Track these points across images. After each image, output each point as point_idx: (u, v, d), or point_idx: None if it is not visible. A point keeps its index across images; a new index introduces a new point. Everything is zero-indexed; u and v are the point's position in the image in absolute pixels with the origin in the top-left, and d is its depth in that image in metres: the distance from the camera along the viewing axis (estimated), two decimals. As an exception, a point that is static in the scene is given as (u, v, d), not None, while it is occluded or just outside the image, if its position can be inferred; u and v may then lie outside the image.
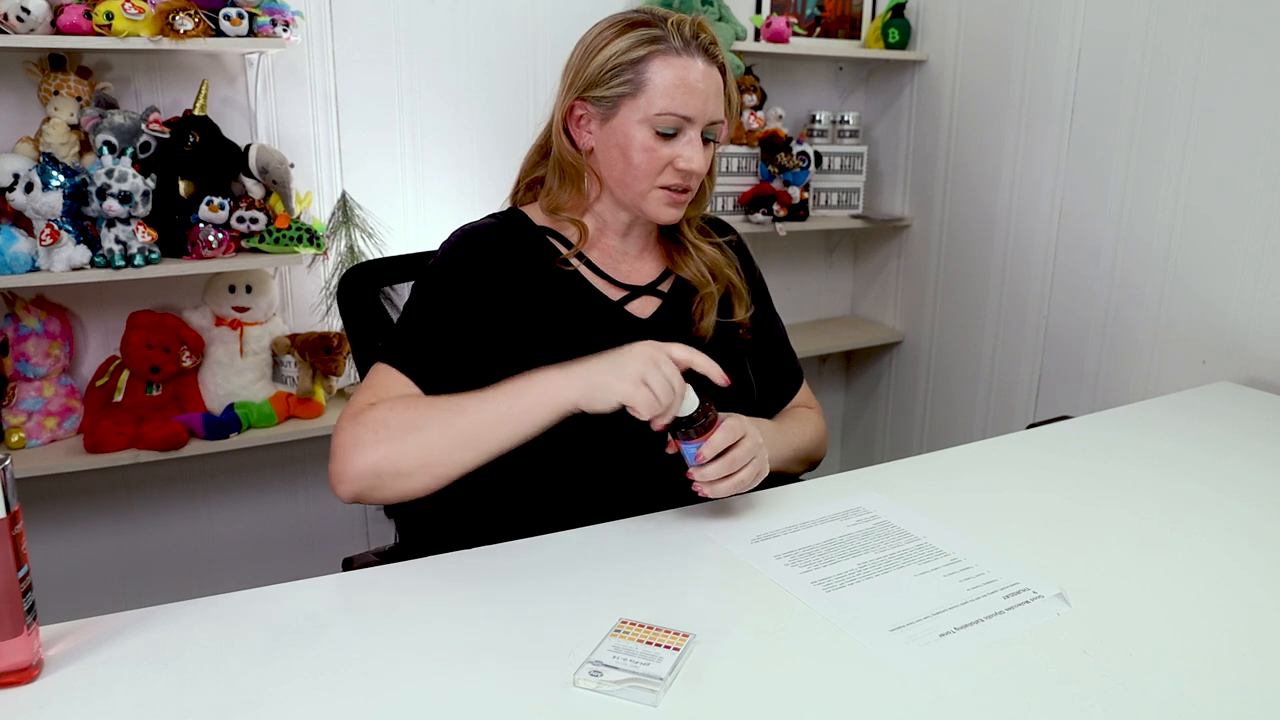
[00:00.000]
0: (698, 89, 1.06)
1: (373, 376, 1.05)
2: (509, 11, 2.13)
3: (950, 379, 2.57)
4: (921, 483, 1.19)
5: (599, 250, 1.17)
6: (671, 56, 1.06)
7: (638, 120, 1.07)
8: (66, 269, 1.66)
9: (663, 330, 1.15)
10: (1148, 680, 0.78)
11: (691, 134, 1.08)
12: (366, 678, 0.76)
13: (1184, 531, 1.07)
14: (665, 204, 1.11)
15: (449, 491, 1.10)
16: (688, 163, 1.08)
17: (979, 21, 2.36)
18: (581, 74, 1.10)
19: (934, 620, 0.85)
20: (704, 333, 1.16)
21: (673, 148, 1.08)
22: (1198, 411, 1.56)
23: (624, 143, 1.08)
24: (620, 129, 1.08)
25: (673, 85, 1.05)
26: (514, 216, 1.18)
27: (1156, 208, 1.97)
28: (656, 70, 1.06)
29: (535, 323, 1.10)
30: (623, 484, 1.09)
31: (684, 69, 1.06)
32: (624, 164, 1.09)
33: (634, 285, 1.17)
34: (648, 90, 1.06)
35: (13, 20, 1.56)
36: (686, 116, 1.06)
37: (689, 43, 1.07)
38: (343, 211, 2.00)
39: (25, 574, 0.74)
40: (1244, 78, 1.79)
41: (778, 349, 1.30)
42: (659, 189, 1.10)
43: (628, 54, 1.07)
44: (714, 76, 1.09)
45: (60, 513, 1.94)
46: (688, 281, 1.18)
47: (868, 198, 2.66)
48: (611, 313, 1.15)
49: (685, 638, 0.81)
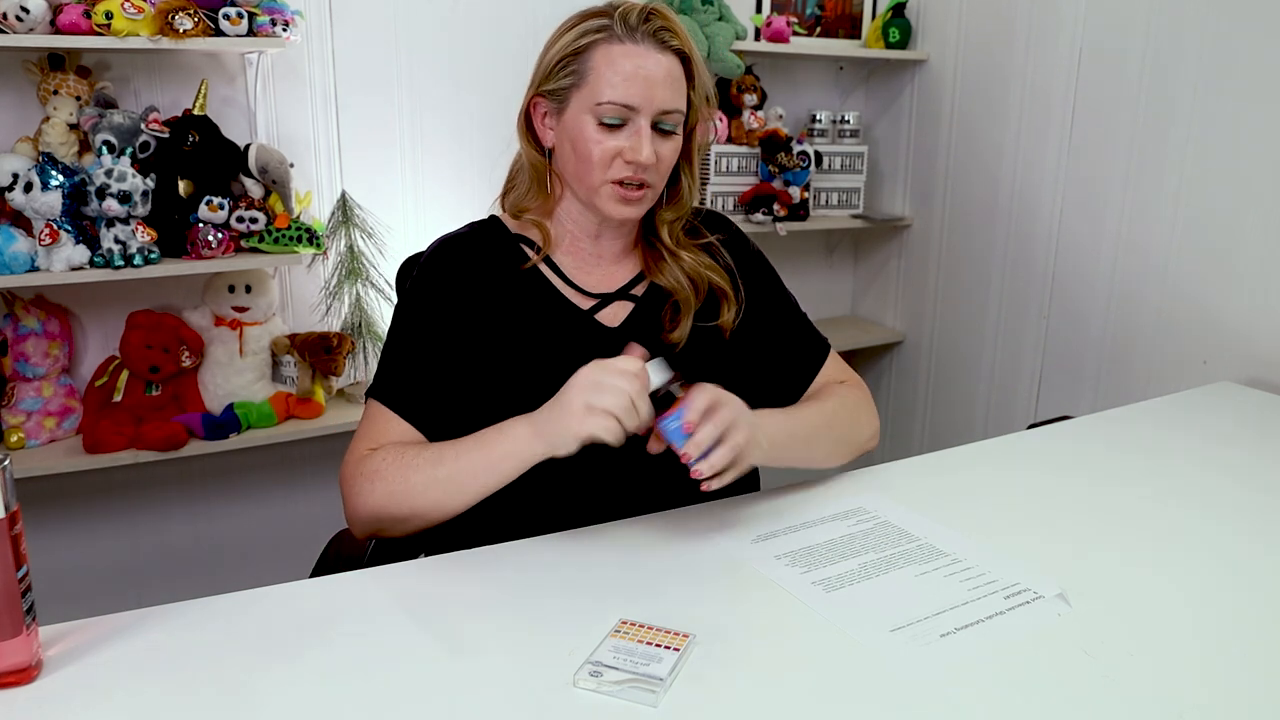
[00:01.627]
0: (640, 77, 1.02)
1: (368, 416, 1.07)
2: (508, 11, 2.13)
3: (951, 379, 2.57)
4: (922, 483, 1.19)
5: (571, 256, 1.15)
6: (614, 44, 1.04)
7: (583, 111, 1.05)
8: (66, 269, 1.65)
9: (633, 338, 1.11)
10: (1148, 680, 0.78)
11: (640, 124, 1.04)
12: (366, 678, 0.76)
13: (1185, 531, 1.07)
14: (616, 200, 1.07)
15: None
16: (633, 154, 1.03)
17: (979, 21, 2.36)
18: (538, 69, 1.09)
19: (934, 621, 0.85)
20: (675, 341, 1.13)
21: (619, 139, 1.04)
22: (1198, 411, 1.56)
23: (574, 136, 1.06)
24: (571, 122, 1.06)
25: (614, 74, 1.03)
26: (490, 225, 1.17)
27: (1157, 207, 1.97)
28: (598, 59, 1.04)
29: (506, 335, 1.09)
30: (623, 484, 1.08)
31: (624, 56, 1.03)
32: (576, 159, 1.07)
33: (603, 293, 1.14)
34: (590, 80, 1.04)
35: (12, 20, 1.56)
36: (629, 105, 1.03)
37: (633, 30, 1.04)
38: (342, 211, 2.00)
39: (25, 574, 0.74)
40: (1245, 77, 1.79)
41: (792, 325, 1.24)
42: (610, 184, 1.06)
43: (572, 45, 1.05)
44: (665, 63, 1.04)
45: (60, 513, 1.94)
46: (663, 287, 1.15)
47: (868, 197, 2.66)
48: (580, 322, 1.12)
49: (685, 638, 0.80)
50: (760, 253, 1.25)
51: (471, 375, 1.07)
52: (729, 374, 1.17)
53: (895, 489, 1.15)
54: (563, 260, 1.15)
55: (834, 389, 1.21)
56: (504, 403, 1.07)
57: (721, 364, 1.16)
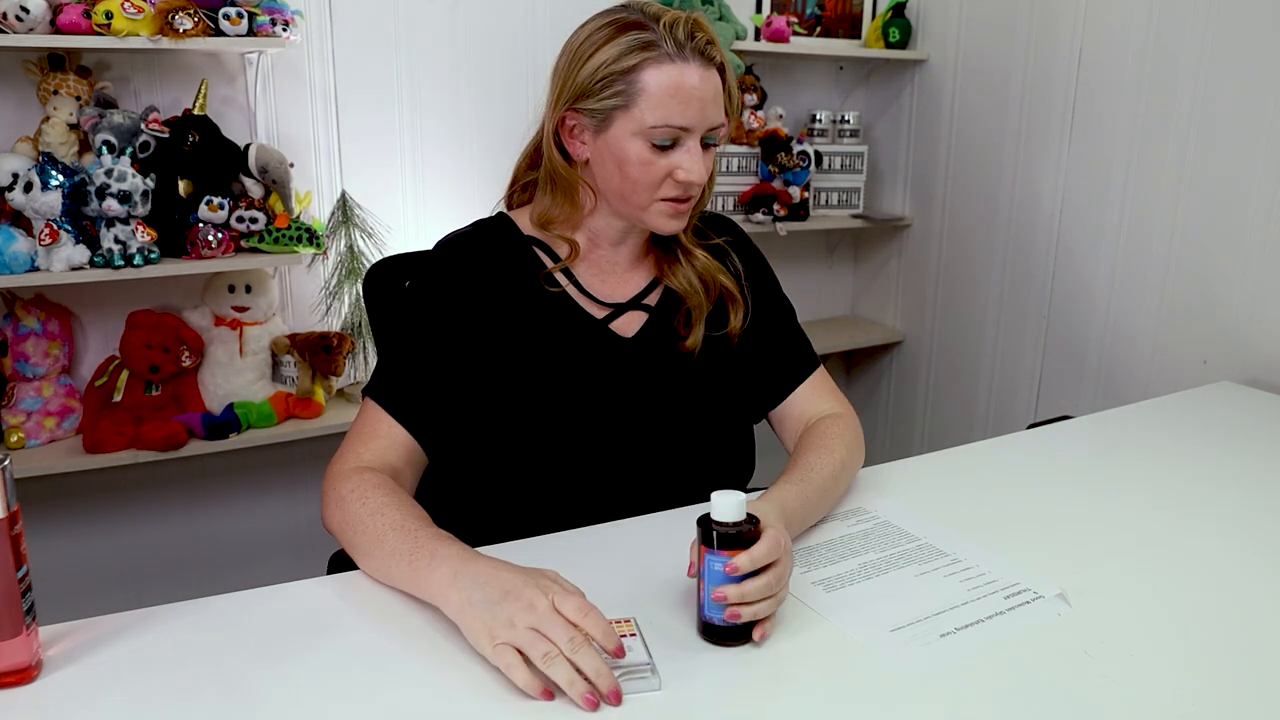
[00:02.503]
0: (694, 97, 0.99)
1: (362, 414, 1.04)
2: (508, 11, 2.13)
3: (951, 379, 2.57)
4: (922, 483, 1.19)
5: (587, 263, 1.12)
6: (665, 64, 0.98)
7: (632, 133, 1.00)
8: (66, 269, 1.65)
9: (649, 348, 1.12)
10: (1148, 680, 0.78)
11: (690, 144, 1.01)
12: (366, 678, 0.76)
13: (1185, 531, 1.07)
14: (668, 216, 1.05)
15: (453, 491, 1.11)
16: (688, 174, 1.01)
17: (979, 21, 2.36)
18: (571, 83, 1.02)
19: (935, 620, 0.85)
20: (690, 348, 1.11)
21: (671, 159, 1.01)
22: (1199, 411, 1.56)
23: (619, 156, 1.01)
24: (615, 142, 1.01)
25: (668, 96, 0.98)
26: (500, 224, 1.14)
27: (1157, 207, 1.97)
28: (649, 80, 0.98)
29: (515, 341, 1.07)
30: (623, 484, 1.09)
31: (679, 76, 0.98)
32: (621, 178, 1.03)
33: (618, 303, 1.12)
34: (641, 102, 0.99)
35: (12, 19, 1.56)
36: (684, 127, 1.00)
37: (683, 46, 0.99)
38: (342, 211, 2.00)
39: (25, 574, 0.74)
40: (1245, 77, 1.79)
41: (784, 331, 1.21)
42: (660, 201, 1.04)
43: (618, 63, 0.99)
44: (711, 80, 1.01)
45: (60, 513, 1.94)
46: (676, 292, 1.13)
47: (868, 197, 2.66)
48: (595, 332, 1.11)
49: (630, 621, 0.82)
50: (763, 257, 1.24)
51: (475, 379, 1.06)
52: (738, 382, 1.17)
53: (895, 489, 1.15)
54: (579, 268, 1.12)
55: (830, 429, 1.12)
56: (512, 409, 1.07)
57: (732, 373, 1.16)
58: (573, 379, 1.08)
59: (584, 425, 1.08)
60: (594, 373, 1.09)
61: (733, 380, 1.16)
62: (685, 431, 1.12)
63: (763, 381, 1.19)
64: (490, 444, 1.08)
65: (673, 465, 1.11)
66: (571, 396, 1.08)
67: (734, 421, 1.17)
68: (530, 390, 1.07)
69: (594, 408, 1.08)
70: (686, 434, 1.12)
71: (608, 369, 1.10)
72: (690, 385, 1.13)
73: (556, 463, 1.07)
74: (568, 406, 1.07)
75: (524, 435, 1.07)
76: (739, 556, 0.79)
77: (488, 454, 1.08)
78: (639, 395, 1.10)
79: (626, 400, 1.10)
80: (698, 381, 1.13)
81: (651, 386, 1.11)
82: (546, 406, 1.07)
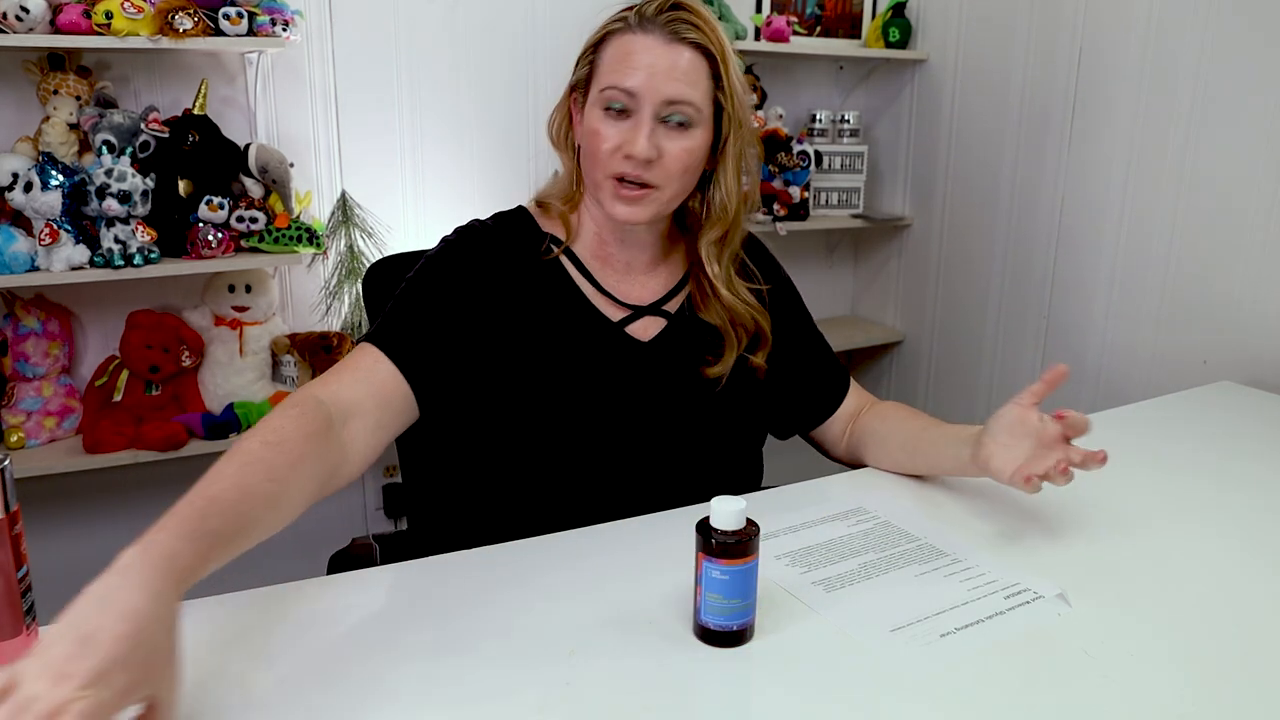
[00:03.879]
0: (644, 63, 0.99)
1: (351, 354, 1.00)
2: (508, 11, 2.13)
3: (951, 379, 2.57)
4: (922, 482, 1.19)
5: (600, 260, 1.12)
6: (625, 34, 1.02)
7: (592, 102, 1.03)
8: (66, 269, 1.66)
9: (666, 357, 1.10)
10: (1149, 681, 0.78)
11: (641, 116, 1.00)
12: (366, 678, 0.76)
13: (1185, 532, 1.07)
14: (614, 197, 1.02)
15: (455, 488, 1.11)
16: (630, 146, 0.99)
17: (979, 21, 2.36)
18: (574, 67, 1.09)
19: (935, 620, 0.85)
20: (716, 375, 1.10)
21: (622, 131, 1.01)
22: (1199, 411, 1.56)
23: (587, 128, 1.04)
24: (587, 114, 1.05)
25: (618, 61, 1.01)
26: (519, 217, 1.14)
27: (1157, 207, 1.97)
28: (608, 48, 1.03)
29: (527, 337, 1.06)
30: (623, 484, 1.09)
31: (632, 43, 1.01)
32: (584, 154, 1.05)
33: (636, 305, 1.11)
34: (599, 70, 1.03)
35: (11, 19, 1.56)
36: (627, 90, 0.99)
37: (646, 20, 1.02)
38: (342, 211, 2.01)
39: (25, 574, 0.74)
40: (1245, 77, 1.79)
41: (819, 357, 1.25)
42: (611, 179, 1.02)
43: (593, 38, 1.06)
44: (675, 54, 1.00)
45: (60, 513, 1.94)
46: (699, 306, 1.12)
47: (868, 197, 2.66)
48: (609, 334, 1.09)
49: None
50: (789, 279, 1.25)
51: (482, 363, 1.04)
52: (759, 406, 1.17)
53: (895, 489, 1.15)
54: (594, 266, 1.11)
55: (897, 411, 1.24)
56: (521, 401, 1.06)
57: (753, 397, 1.15)
58: (580, 379, 1.07)
59: (586, 426, 1.07)
60: (603, 374, 1.08)
61: (753, 403, 1.16)
62: (693, 443, 1.11)
63: (800, 406, 1.22)
64: (488, 439, 1.07)
65: (675, 474, 1.10)
66: (577, 396, 1.07)
67: (746, 439, 1.17)
68: (534, 386, 1.06)
69: (599, 410, 1.07)
70: (694, 445, 1.12)
71: (618, 372, 1.09)
72: (704, 400, 1.11)
73: (556, 462, 1.07)
74: (571, 406, 1.07)
75: (523, 431, 1.06)
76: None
77: (485, 448, 1.08)
78: (649, 402, 1.09)
79: (634, 406, 1.09)
80: (713, 398, 1.12)
81: (663, 395, 1.10)
82: (549, 404, 1.06)
